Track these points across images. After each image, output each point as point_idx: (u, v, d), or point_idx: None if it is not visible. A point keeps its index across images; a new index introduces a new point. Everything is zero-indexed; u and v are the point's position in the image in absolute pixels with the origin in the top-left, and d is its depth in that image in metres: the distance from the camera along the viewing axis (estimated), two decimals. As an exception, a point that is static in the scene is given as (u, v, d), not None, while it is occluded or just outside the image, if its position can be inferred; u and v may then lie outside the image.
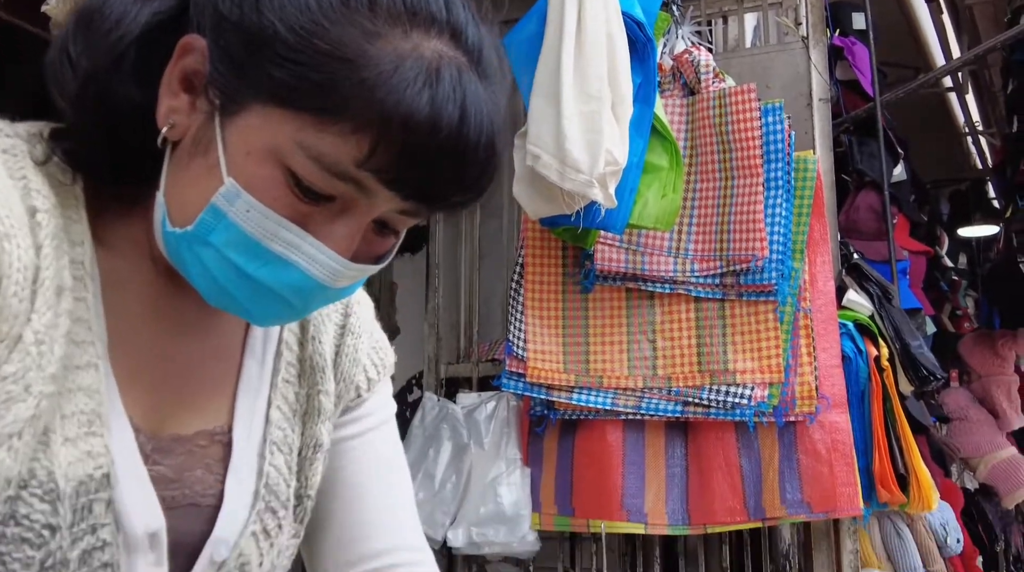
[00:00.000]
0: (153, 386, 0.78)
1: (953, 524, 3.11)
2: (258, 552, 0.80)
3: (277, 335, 0.87)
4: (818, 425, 2.41)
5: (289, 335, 0.87)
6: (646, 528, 2.61)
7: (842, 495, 2.37)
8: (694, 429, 2.61)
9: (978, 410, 3.59)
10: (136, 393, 0.76)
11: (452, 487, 2.74)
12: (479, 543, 2.68)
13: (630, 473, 2.62)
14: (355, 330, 0.92)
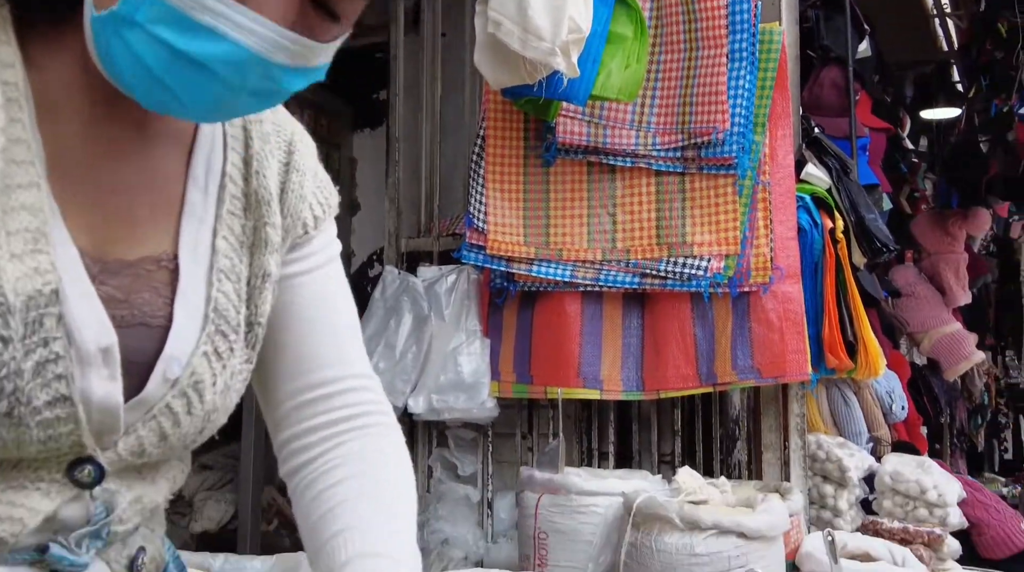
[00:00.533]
0: (93, 210, 0.78)
1: (899, 392, 3.24)
2: (211, 372, 0.82)
3: (220, 167, 0.87)
4: (771, 295, 2.47)
5: (233, 169, 0.88)
6: (601, 394, 2.69)
7: (791, 361, 2.45)
8: (651, 300, 2.67)
9: (926, 287, 3.68)
10: (77, 216, 0.77)
11: (413, 357, 2.80)
12: (439, 409, 2.76)
13: (587, 342, 2.69)
14: (299, 167, 0.93)
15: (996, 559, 2.90)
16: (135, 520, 0.83)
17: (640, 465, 2.90)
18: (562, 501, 2.41)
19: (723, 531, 2.07)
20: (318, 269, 0.96)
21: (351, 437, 0.93)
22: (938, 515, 2.70)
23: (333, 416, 0.92)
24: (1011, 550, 2.94)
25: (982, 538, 2.93)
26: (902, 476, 2.73)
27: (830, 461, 2.77)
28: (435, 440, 3.01)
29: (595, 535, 2.37)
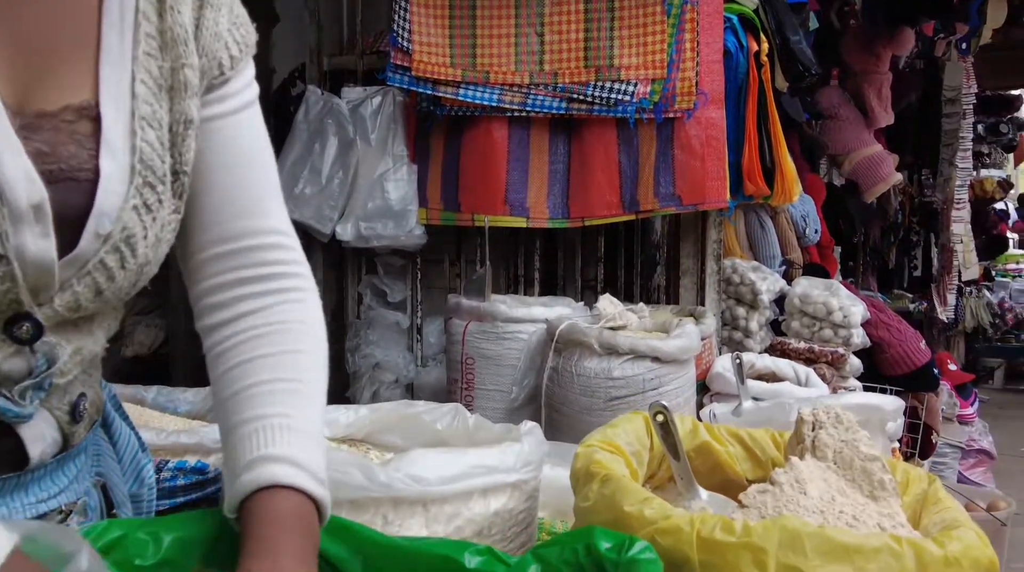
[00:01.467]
0: (5, 54, 0.75)
1: (813, 216, 3.33)
2: (142, 226, 0.82)
3: (134, 5, 0.83)
4: (695, 121, 2.47)
5: (146, 5, 0.83)
6: (528, 222, 2.72)
7: (711, 188, 2.49)
8: (577, 127, 2.65)
9: (849, 108, 3.71)
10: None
11: (339, 182, 2.76)
12: (367, 236, 2.76)
13: (514, 169, 2.68)
14: (213, 2, 0.88)
15: (895, 376, 3.09)
16: (75, 371, 0.85)
17: (564, 291, 2.97)
18: (488, 328, 2.47)
19: (639, 355, 2.16)
20: (234, 114, 0.92)
21: (265, 303, 0.91)
22: (842, 335, 2.85)
23: (245, 274, 0.90)
24: (910, 367, 3.14)
25: (883, 356, 3.12)
26: (810, 298, 2.85)
27: (744, 284, 2.88)
28: (364, 267, 3.03)
29: (519, 360, 2.46)
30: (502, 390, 2.44)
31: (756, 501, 1.02)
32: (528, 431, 1.24)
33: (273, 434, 0.83)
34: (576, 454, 1.12)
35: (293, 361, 0.89)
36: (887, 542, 0.91)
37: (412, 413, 1.38)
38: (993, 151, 8.13)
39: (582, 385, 2.22)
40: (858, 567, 0.89)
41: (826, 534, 0.90)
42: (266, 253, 0.91)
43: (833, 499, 1.03)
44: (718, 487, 1.23)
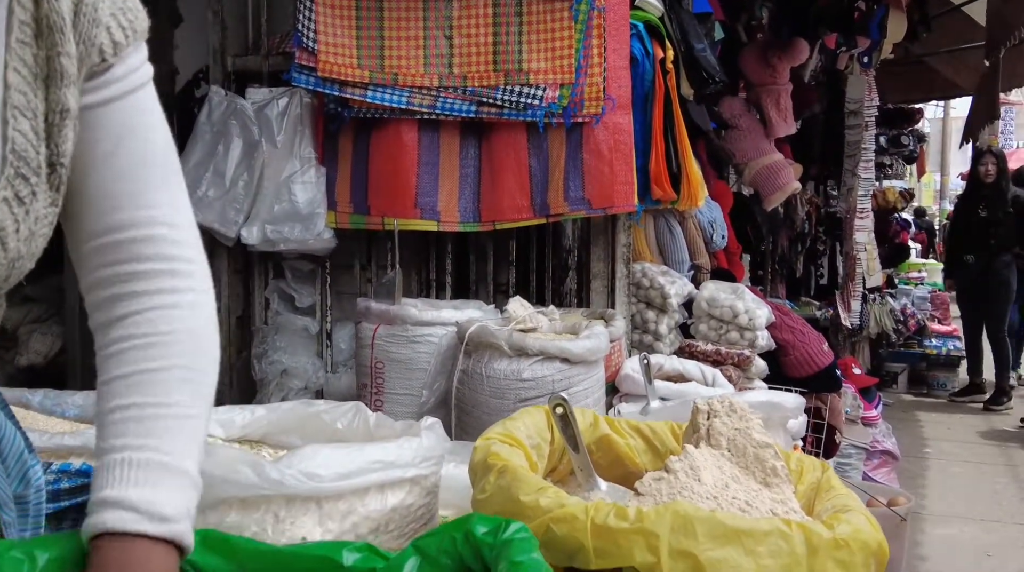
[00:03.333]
0: None
1: (720, 222, 3.40)
2: (13, 219, 0.79)
3: None
4: (603, 126, 2.50)
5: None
6: (439, 225, 2.70)
7: (619, 192, 2.51)
8: (488, 131, 2.65)
9: (749, 118, 3.81)
10: None
11: (244, 185, 2.69)
12: (274, 240, 2.70)
13: (424, 173, 2.66)
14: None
15: (800, 377, 3.17)
16: None
17: (477, 295, 2.96)
18: (398, 332, 2.45)
19: (548, 357, 2.16)
20: (117, 101, 0.88)
21: (138, 306, 0.86)
22: (748, 337, 2.91)
23: (122, 269, 0.86)
24: (813, 369, 3.22)
25: (788, 358, 3.19)
26: (717, 301, 2.90)
27: (653, 288, 2.91)
28: (271, 271, 2.96)
29: (430, 363, 2.44)
30: (412, 394, 2.41)
31: (651, 489, 1.03)
32: (429, 426, 1.23)
33: (117, 472, 0.80)
34: (475, 447, 1.11)
35: (151, 381, 0.84)
36: (777, 525, 0.92)
37: (311, 412, 1.35)
38: (895, 162, 8.45)
39: (492, 387, 2.20)
40: (749, 550, 0.90)
41: (717, 518, 0.91)
42: (145, 246, 0.87)
43: (727, 485, 1.04)
44: (619, 479, 1.24)
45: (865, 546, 0.93)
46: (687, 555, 0.88)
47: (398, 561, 0.72)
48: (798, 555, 0.89)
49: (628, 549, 0.89)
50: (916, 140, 7.90)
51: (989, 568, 3.76)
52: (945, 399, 7.18)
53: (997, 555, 3.89)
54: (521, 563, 0.62)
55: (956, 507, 4.58)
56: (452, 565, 0.71)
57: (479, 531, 0.70)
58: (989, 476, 5.15)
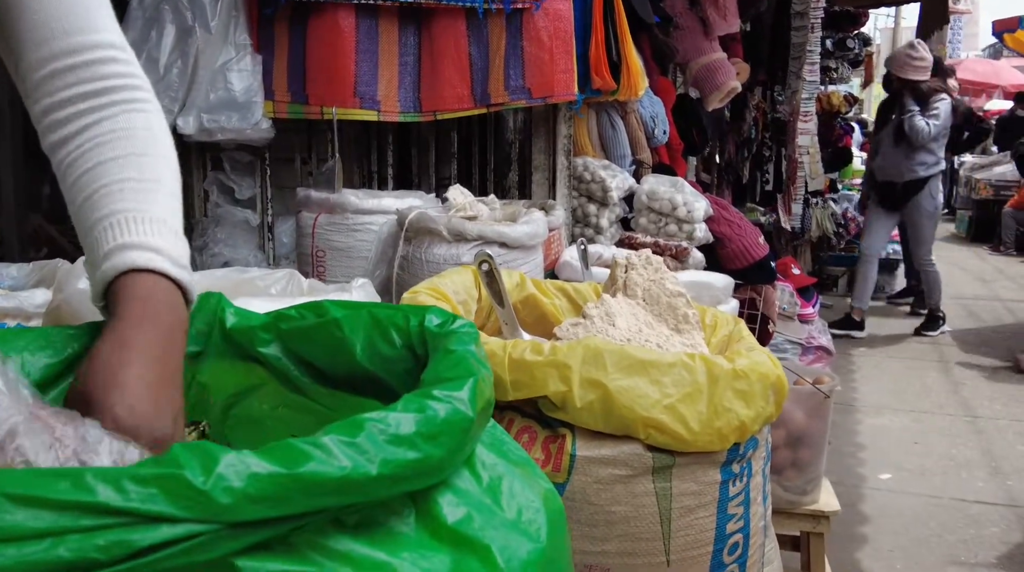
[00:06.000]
0: None
1: (662, 117, 3.42)
2: None
3: None
4: (543, 13, 2.49)
5: None
6: (379, 115, 2.68)
7: (559, 81, 2.52)
8: (427, 17, 2.62)
9: (690, 16, 3.79)
10: None
11: (178, 72, 2.64)
12: (211, 130, 2.66)
13: (363, 60, 2.63)
14: None
15: (736, 269, 3.25)
16: None
17: (419, 188, 2.97)
18: (339, 220, 2.46)
19: (487, 241, 2.19)
20: None
21: (109, 113, 0.90)
22: (686, 230, 2.97)
23: (86, 88, 0.89)
24: (749, 261, 3.30)
25: (724, 251, 3.26)
26: (656, 194, 2.95)
27: (594, 182, 2.94)
28: (210, 163, 2.94)
29: (371, 251, 2.46)
30: (353, 281, 2.44)
31: (568, 333, 1.08)
32: (360, 285, 1.26)
33: (129, 225, 0.83)
34: (402, 298, 1.14)
35: (139, 163, 0.88)
36: (681, 358, 0.97)
37: (245, 278, 1.37)
38: (840, 66, 8.49)
39: (431, 271, 2.23)
40: (654, 379, 0.95)
41: (625, 350, 0.96)
42: (104, 67, 0.90)
43: (640, 330, 1.09)
44: (544, 335, 1.29)
45: (764, 377, 0.99)
46: (597, 384, 0.94)
47: (354, 317, 0.76)
48: (700, 384, 0.95)
49: (542, 380, 0.94)
50: (862, 43, 7.93)
51: (916, 453, 3.95)
52: (883, 301, 7.38)
53: (923, 442, 4.10)
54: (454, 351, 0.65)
55: (887, 399, 4.78)
56: (400, 341, 0.74)
57: (431, 321, 0.73)
58: (919, 370, 5.37)
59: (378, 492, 0.51)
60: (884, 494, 3.49)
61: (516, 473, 0.65)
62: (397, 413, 0.53)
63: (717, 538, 0.99)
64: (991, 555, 2.98)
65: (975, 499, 3.44)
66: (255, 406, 0.82)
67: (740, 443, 0.99)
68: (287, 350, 0.81)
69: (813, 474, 2.51)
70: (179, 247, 0.85)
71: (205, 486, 0.44)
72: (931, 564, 2.92)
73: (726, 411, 0.95)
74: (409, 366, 0.74)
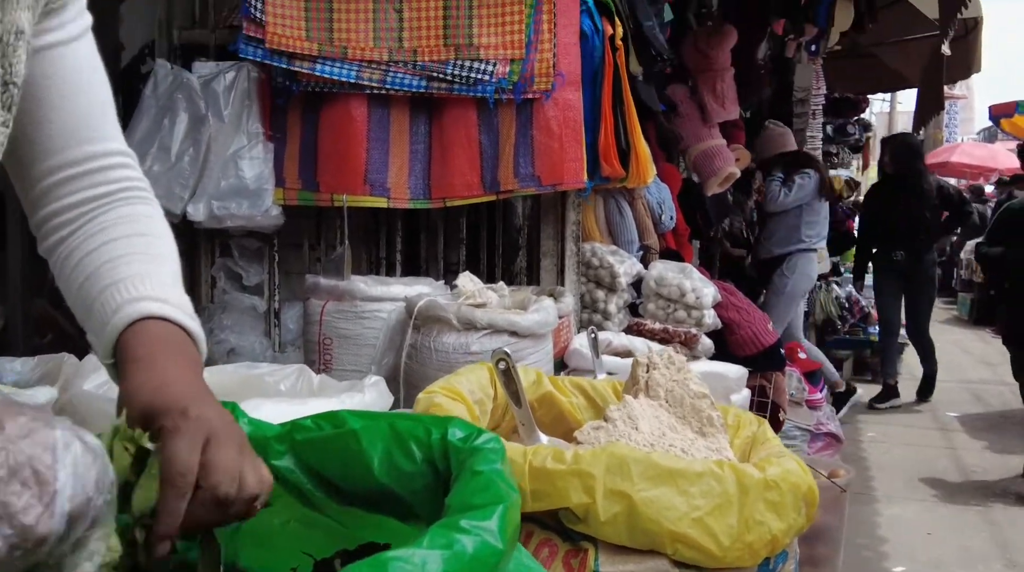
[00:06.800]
0: None
1: (669, 203, 3.43)
2: None
3: None
4: (553, 102, 2.51)
5: None
6: (389, 202, 2.69)
7: (569, 169, 2.53)
8: (438, 106, 2.64)
9: (689, 104, 3.86)
10: None
11: (190, 160, 2.66)
12: (221, 217, 2.66)
13: (374, 148, 2.65)
14: None
15: (745, 356, 3.22)
16: None
17: (427, 273, 2.96)
18: (347, 307, 2.43)
19: (497, 330, 2.17)
20: (74, 40, 0.92)
21: (113, 206, 0.93)
22: (695, 316, 2.95)
23: (94, 192, 0.92)
24: (758, 348, 3.28)
25: (734, 337, 3.24)
26: (665, 280, 2.94)
27: (603, 267, 2.93)
28: (218, 249, 2.93)
29: (378, 339, 2.43)
30: (360, 370, 2.40)
31: (590, 437, 1.04)
32: (372, 384, 1.23)
33: (137, 284, 0.83)
34: (417, 400, 1.11)
35: (144, 241, 0.90)
36: (710, 467, 0.94)
37: (254, 374, 1.34)
38: (841, 151, 8.58)
39: (440, 361, 2.20)
40: (682, 490, 0.91)
41: (651, 459, 0.93)
42: (112, 172, 0.93)
43: (664, 434, 1.06)
44: (562, 436, 1.25)
45: (795, 488, 0.95)
46: (622, 495, 0.90)
47: (372, 429, 0.72)
48: (730, 495, 0.91)
49: (564, 490, 0.90)
50: (862, 129, 8.03)
51: (930, 545, 3.86)
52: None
53: (936, 534, 4.00)
54: (481, 473, 0.62)
55: (898, 488, 4.69)
56: (420, 455, 0.71)
57: (454, 435, 0.70)
58: (930, 459, 5.28)
59: (405, 642, 0.47)
60: (901, 588, 3.40)
61: (548, 605, 0.61)
62: (423, 550, 0.50)
63: (748, 658, 0.94)
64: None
65: (994, 594, 3.34)
66: (266, 521, 0.79)
67: (771, 557, 0.95)
68: (301, 462, 0.77)
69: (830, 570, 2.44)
70: (188, 302, 0.86)
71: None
72: (954, 664, 2.81)
73: (757, 524, 0.91)
74: (429, 482, 0.71)
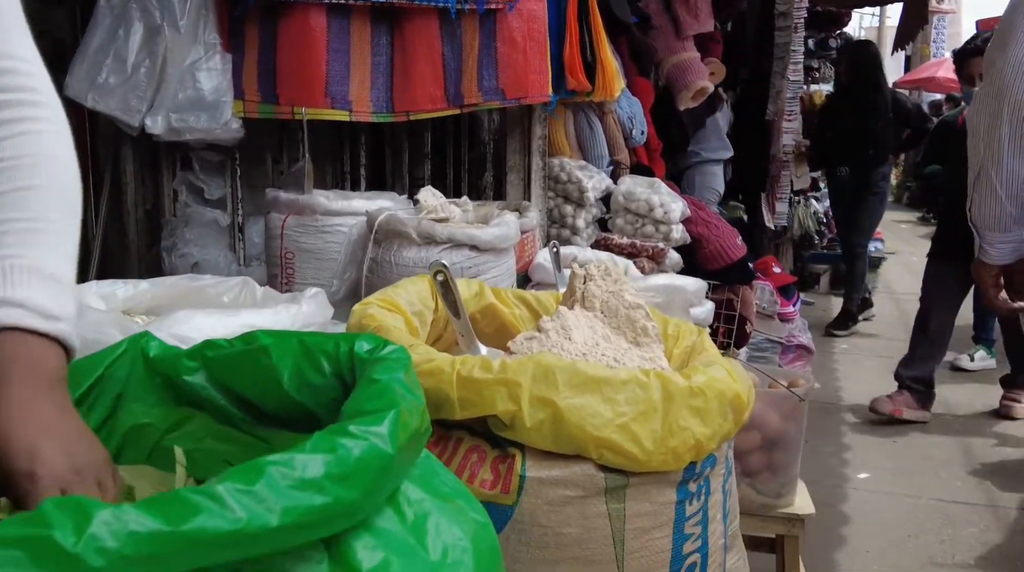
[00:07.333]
0: None
1: (640, 118, 3.39)
2: None
3: None
4: (516, 13, 2.45)
5: None
6: (351, 116, 2.65)
7: (533, 82, 2.49)
8: (400, 18, 2.58)
9: (663, 16, 3.77)
10: None
11: (146, 71, 2.59)
12: (179, 129, 2.61)
13: (334, 60, 2.59)
14: None
15: (713, 270, 3.22)
16: None
17: (393, 189, 2.93)
18: (308, 221, 2.42)
19: (457, 244, 2.16)
20: None
21: (9, 132, 0.85)
22: (663, 231, 2.95)
23: None
24: (726, 261, 3.28)
25: (702, 252, 3.24)
26: (633, 195, 2.92)
27: (571, 182, 2.91)
28: (179, 162, 2.89)
29: (340, 253, 2.42)
30: (322, 284, 2.39)
31: (523, 347, 1.04)
32: (312, 295, 1.22)
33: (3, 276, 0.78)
34: (352, 310, 1.11)
35: (24, 198, 0.83)
36: (635, 375, 0.94)
37: (197, 286, 1.33)
38: (823, 66, 8.47)
39: (401, 275, 2.20)
40: (607, 397, 0.92)
41: (577, 367, 0.93)
42: (3, 78, 0.85)
43: (597, 344, 1.06)
44: (503, 347, 1.25)
45: (720, 394, 0.96)
46: (547, 403, 0.91)
47: (282, 345, 0.72)
48: (654, 401, 0.92)
49: (491, 398, 0.91)
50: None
51: (895, 452, 3.95)
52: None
53: (902, 441, 4.09)
54: (378, 381, 0.62)
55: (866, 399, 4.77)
56: (329, 369, 0.70)
57: (361, 347, 0.69)
58: (899, 370, 5.35)
59: (280, 543, 0.48)
60: (862, 494, 3.48)
61: (445, 508, 0.62)
62: (304, 454, 0.50)
63: (673, 559, 0.96)
64: (968, 556, 2.97)
65: (953, 499, 3.43)
66: (181, 442, 0.78)
67: (696, 462, 0.96)
68: (213, 379, 0.77)
69: (788, 477, 2.49)
70: (59, 295, 0.79)
71: (76, 548, 0.41)
72: (908, 565, 2.91)
73: (681, 430, 0.92)
74: (338, 396, 0.71)
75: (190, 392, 0.77)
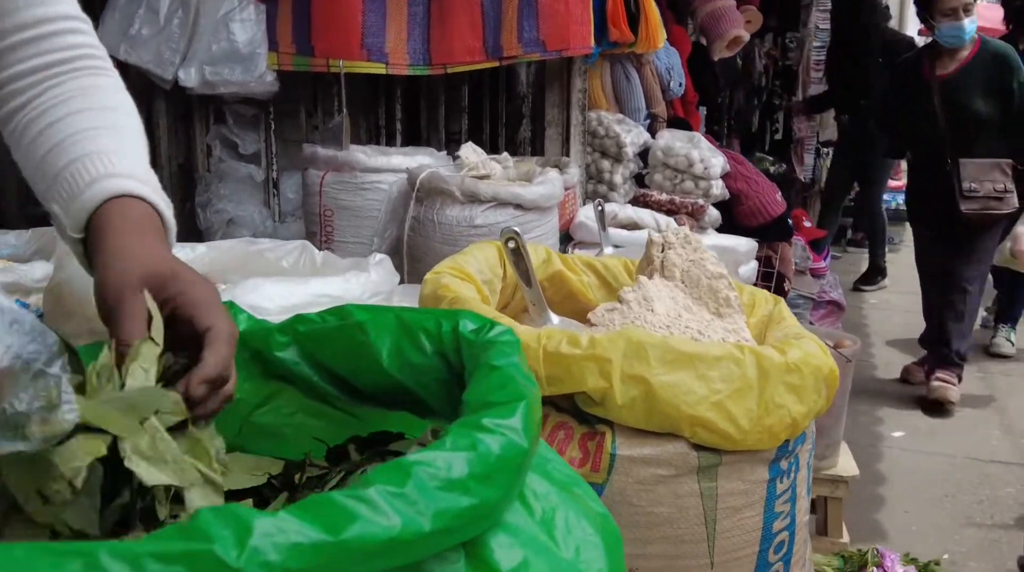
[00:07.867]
0: None
1: (678, 69, 3.31)
2: None
3: None
4: (559, -39, 2.37)
5: None
6: (387, 68, 2.59)
7: (575, 33, 2.42)
8: (438, -35, 2.51)
9: (699, -39, 3.66)
10: None
11: (179, 23, 2.54)
12: (213, 82, 2.56)
13: (370, 11, 2.53)
14: None
15: (752, 226, 3.17)
16: None
17: (428, 143, 2.88)
18: (347, 178, 2.38)
19: (501, 203, 2.12)
20: None
21: (71, 76, 0.87)
22: (703, 187, 2.89)
23: (48, 59, 0.86)
24: (766, 218, 3.22)
25: (741, 208, 3.18)
26: (672, 150, 2.86)
27: (609, 137, 2.85)
28: (212, 116, 2.84)
29: (380, 211, 2.38)
30: (362, 242, 2.37)
31: (604, 319, 1.01)
32: (377, 262, 1.19)
33: (109, 159, 0.79)
34: (424, 280, 1.08)
35: (111, 115, 0.85)
36: (730, 350, 0.91)
37: (254, 250, 1.30)
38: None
39: (443, 234, 2.17)
40: (700, 374, 0.89)
41: (669, 344, 0.90)
42: (65, 38, 0.87)
43: (680, 315, 1.03)
44: (573, 315, 1.22)
45: (817, 371, 0.93)
46: (639, 380, 0.87)
47: (379, 321, 0.69)
48: (750, 379, 0.88)
49: (580, 375, 0.88)
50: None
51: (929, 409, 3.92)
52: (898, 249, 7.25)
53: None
54: (499, 368, 0.58)
55: (898, 355, 4.73)
56: (431, 348, 0.68)
57: (466, 326, 0.66)
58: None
59: (431, 548, 0.45)
60: (896, 452, 3.46)
61: (569, 501, 0.59)
62: (447, 452, 0.47)
63: (763, 538, 0.94)
64: (1008, 516, 2.95)
65: (990, 458, 3.41)
66: (271, 417, 0.76)
67: (790, 440, 0.93)
68: (305, 354, 0.74)
69: (832, 439, 2.47)
70: (158, 183, 0.82)
71: (239, 563, 0.38)
72: (947, 525, 2.89)
73: (777, 408, 0.89)
74: (442, 375, 0.68)
75: (281, 367, 0.74)
